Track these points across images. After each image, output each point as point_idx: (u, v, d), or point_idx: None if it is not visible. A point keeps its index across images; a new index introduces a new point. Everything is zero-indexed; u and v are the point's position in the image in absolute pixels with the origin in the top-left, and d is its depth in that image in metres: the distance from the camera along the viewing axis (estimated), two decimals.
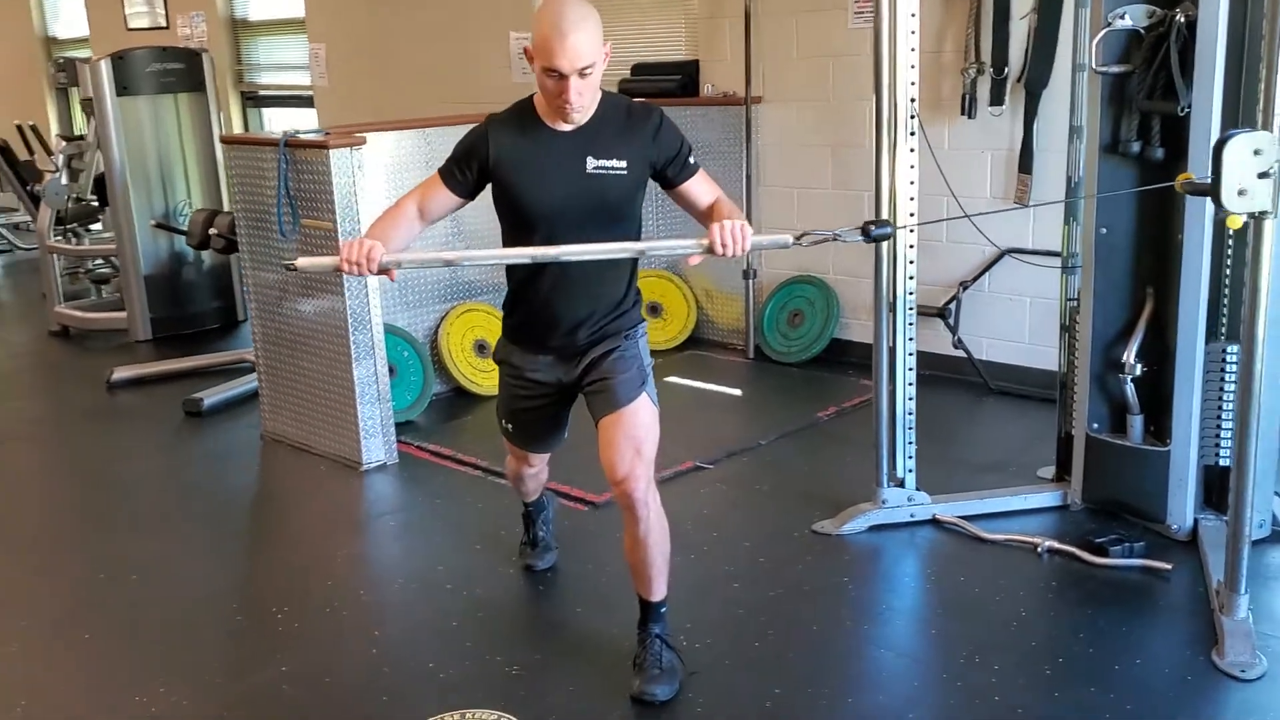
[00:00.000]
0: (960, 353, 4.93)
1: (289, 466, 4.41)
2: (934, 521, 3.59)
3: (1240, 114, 3.15)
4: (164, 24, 8.71)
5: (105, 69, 6.03)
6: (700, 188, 2.74)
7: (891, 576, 3.40)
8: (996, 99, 4.61)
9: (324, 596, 3.40)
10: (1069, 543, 3.37)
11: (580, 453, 3.21)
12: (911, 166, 3.40)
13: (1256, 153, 2.55)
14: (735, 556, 3.43)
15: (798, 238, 2.49)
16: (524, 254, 2.64)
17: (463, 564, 3.49)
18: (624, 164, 2.65)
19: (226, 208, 6.41)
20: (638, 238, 2.78)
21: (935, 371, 5.05)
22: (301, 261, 2.69)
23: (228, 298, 6.57)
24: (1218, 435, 3.35)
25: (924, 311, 5.08)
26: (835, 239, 2.52)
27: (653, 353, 2.94)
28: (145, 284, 6.26)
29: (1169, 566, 3.22)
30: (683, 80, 5.56)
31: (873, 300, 3.54)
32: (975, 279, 4.85)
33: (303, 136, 4.18)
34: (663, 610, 2.82)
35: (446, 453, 4.38)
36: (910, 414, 3.57)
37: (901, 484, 3.61)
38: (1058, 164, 4.54)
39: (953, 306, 4.95)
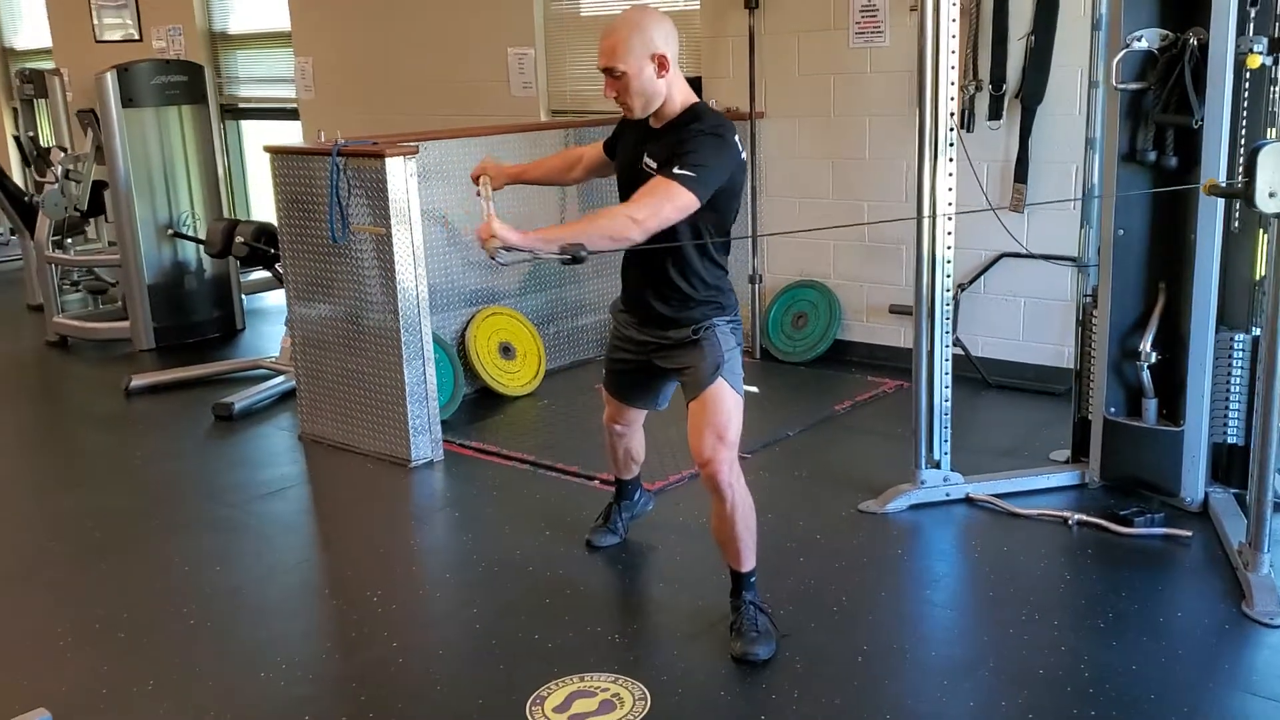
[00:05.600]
0: (958, 350, 5.27)
1: (336, 465, 4.57)
2: (967, 500, 3.90)
3: (1245, 126, 3.52)
4: (137, 36, 8.75)
5: (111, 81, 6.13)
6: (643, 189, 2.79)
7: (940, 548, 3.70)
8: (995, 114, 4.97)
9: (411, 581, 3.60)
10: (1096, 515, 3.70)
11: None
12: (950, 174, 3.71)
13: None
14: (795, 535, 3.70)
15: (499, 257, 2.70)
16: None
17: (538, 547, 3.71)
18: (655, 165, 2.88)
19: (226, 216, 6.56)
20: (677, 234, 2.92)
21: None
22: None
23: (227, 307, 6.69)
24: (1226, 416, 3.72)
25: None
26: (535, 257, 2.90)
27: None
28: (148, 294, 6.34)
29: (1189, 534, 3.57)
30: None
31: (913, 301, 3.86)
32: (972, 281, 5.20)
33: (354, 146, 4.36)
34: (752, 579, 3.08)
35: (491, 449, 4.59)
36: (947, 401, 3.88)
37: (938, 465, 3.92)
38: (1050, 173, 4.94)
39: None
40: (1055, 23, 4.79)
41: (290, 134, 7.95)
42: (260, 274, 7.16)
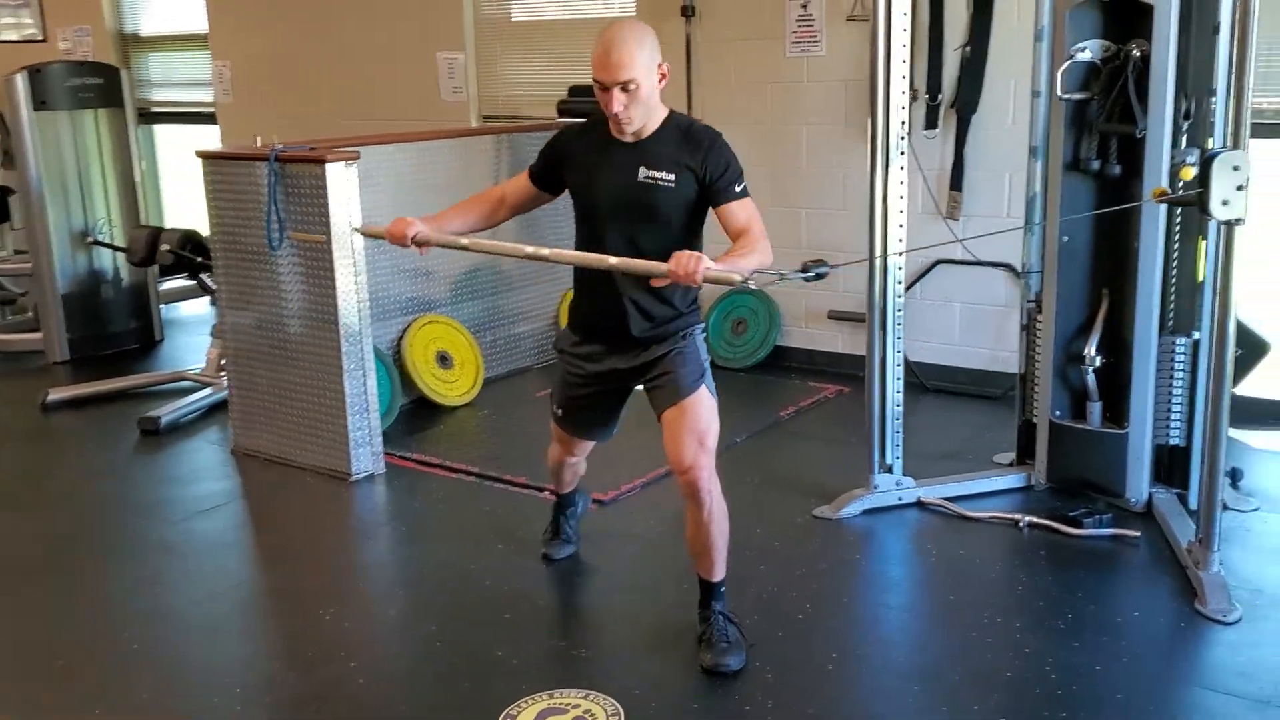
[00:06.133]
0: None
1: (272, 479, 4.43)
2: (918, 504, 3.93)
3: (1186, 136, 3.61)
4: (41, 37, 8.43)
5: (21, 83, 5.89)
6: (736, 215, 2.89)
7: (897, 553, 3.73)
8: (931, 123, 5.03)
9: (364, 598, 3.51)
10: (1045, 517, 3.76)
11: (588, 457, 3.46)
12: (901, 183, 3.74)
13: (1235, 168, 2.97)
14: (752, 543, 3.68)
15: (745, 279, 2.65)
16: (524, 250, 3.03)
17: (492, 561, 3.64)
18: (672, 177, 2.88)
19: (145, 223, 6.35)
20: (680, 245, 2.93)
21: None
22: (363, 227, 3.09)
23: (145, 317, 6.47)
24: (1168, 418, 3.81)
25: (861, 319, 5.50)
26: (780, 279, 2.72)
27: None
28: (63, 304, 6.10)
29: (1137, 534, 3.64)
30: None
31: (867, 315, 3.88)
32: (909, 287, 5.24)
33: (292, 151, 4.25)
34: (722, 589, 3.06)
35: (433, 461, 4.50)
36: (899, 406, 3.91)
37: (890, 470, 3.94)
38: (984, 181, 5.02)
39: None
40: (990, 33, 4.87)
41: (208, 139, 7.74)
42: (177, 283, 6.97)
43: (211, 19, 7.53)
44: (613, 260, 2.82)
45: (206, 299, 7.33)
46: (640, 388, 3.12)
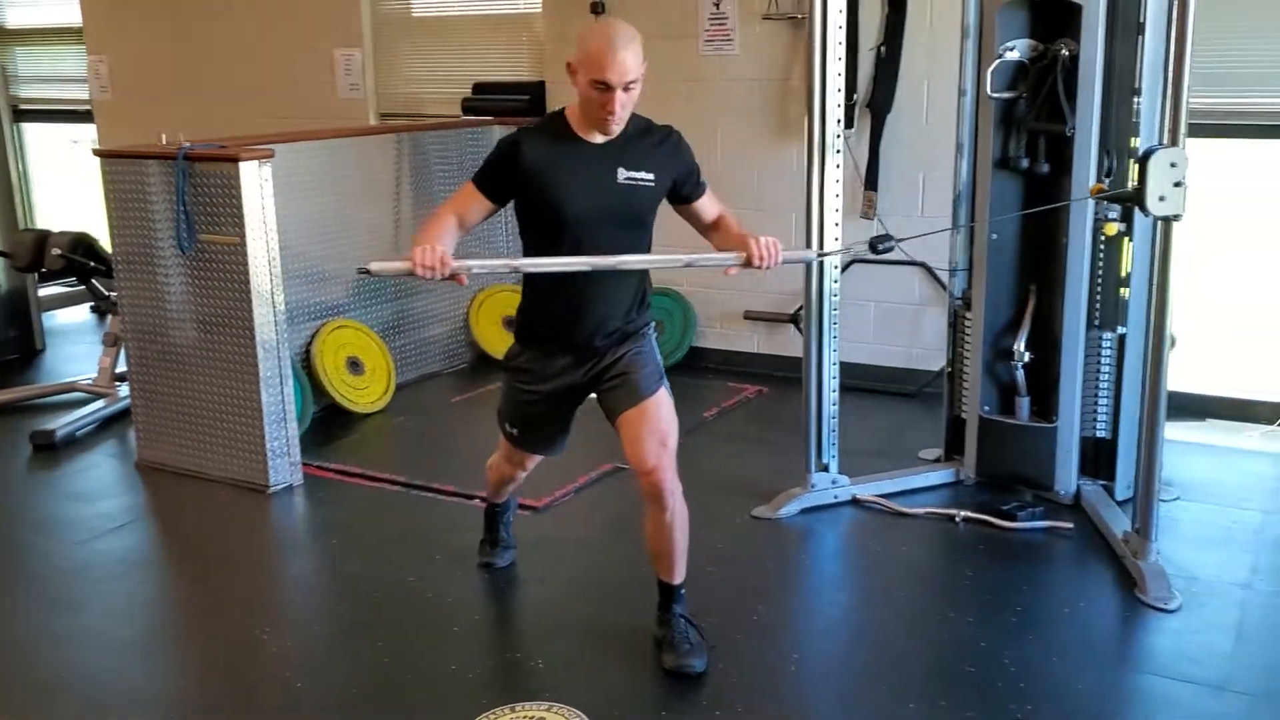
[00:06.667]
0: None
1: (184, 493, 4.21)
2: (854, 501, 3.95)
3: (1114, 134, 3.70)
4: None
5: None
6: (710, 204, 3.03)
7: (841, 550, 3.73)
8: (847, 122, 5.04)
9: (303, 615, 3.35)
10: (979, 511, 3.81)
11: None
12: (838, 181, 3.75)
13: (1173, 165, 3.05)
14: (697, 545, 3.59)
15: (820, 254, 2.77)
16: (582, 262, 2.78)
17: (431, 572, 3.51)
18: (651, 176, 2.85)
19: (23, 228, 6.01)
20: (649, 246, 2.97)
21: (788, 373, 5.44)
22: (375, 265, 2.70)
23: (25, 325, 6.12)
24: (1095, 411, 3.89)
25: (776, 319, 5.53)
26: (849, 252, 2.82)
27: None
28: None
29: (1070, 525, 3.71)
30: (531, 100, 5.72)
31: (804, 315, 3.89)
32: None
33: (201, 149, 4.05)
34: (683, 591, 3.02)
35: (354, 470, 4.34)
36: (835, 405, 3.92)
37: (826, 468, 3.95)
38: (899, 180, 5.07)
39: (804, 313, 5.37)
40: (903, 33, 4.93)
41: (82, 137, 7.38)
42: (56, 289, 6.64)
43: (86, 11, 7.17)
44: (687, 257, 2.94)
45: (87, 306, 7.00)
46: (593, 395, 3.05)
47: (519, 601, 3.44)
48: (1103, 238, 3.72)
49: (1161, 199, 3.06)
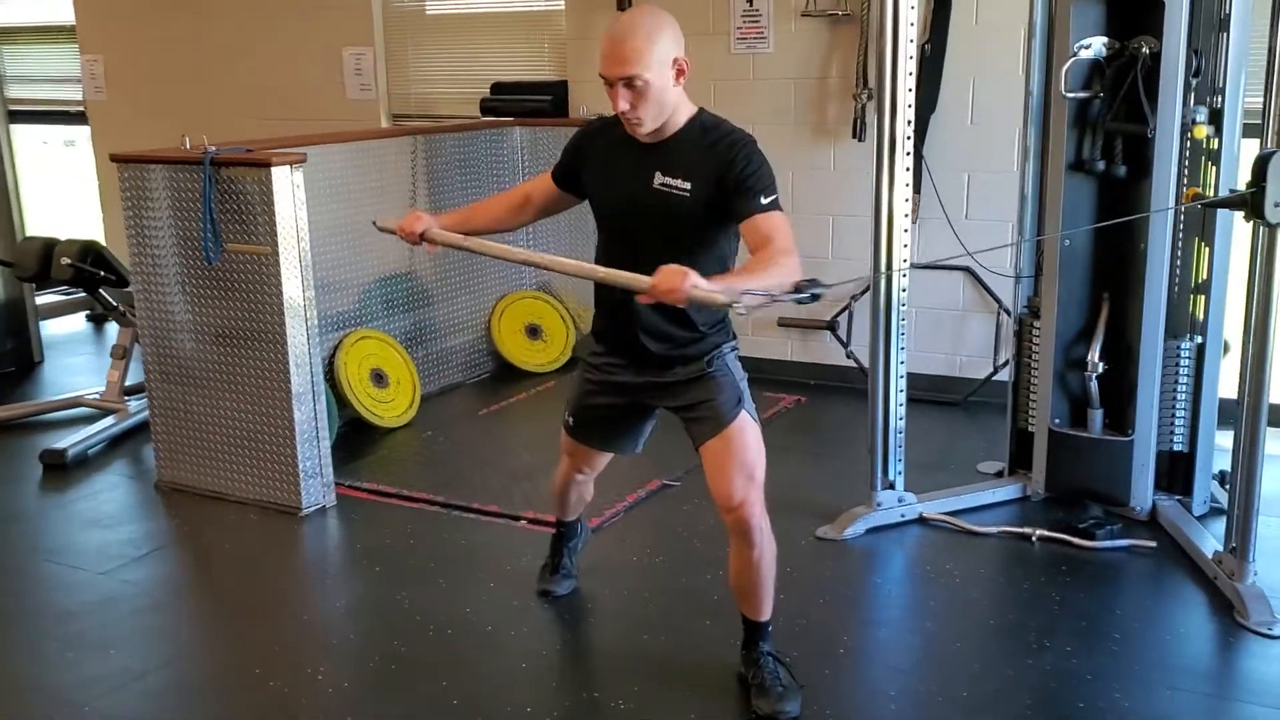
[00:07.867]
0: (851, 363, 5.19)
1: (211, 517, 3.99)
2: (920, 520, 3.78)
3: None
4: None
5: None
6: (758, 229, 2.52)
7: (917, 574, 3.54)
8: None
9: (355, 652, 3.14)
10: (1055, 529, 3.64)
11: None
12: (907, 185, 3.57)
13: None
14: None
15: (732, 301, 2.31)
16: (516, 255, 2.83)
17: (489, 602, 3.31)
18: (688, 185, 2.59)
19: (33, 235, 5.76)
20: (716, 265, 2.63)
21: (826, 381, 5.31)
22: (380, 221, 2.91)
23: (22, 337, 5.86)
24: (1172, 423, 3.74)
25: (812, 326, 5.36)
26: (772, 301, 2.39)
27: (537, 376, 2.96)
28: None
29: (1154, 544, 3.55)
30: (554, 100, 5.52)
31: (871, 326, 3.73)
32: (863, 293, 5.11)
33: (229, 153, 3.82)
34: (769, 629, 2.83)
35: (388, 489, 4.13)
36: (901, 420, 3.75)
37: (892, 486, 3.77)
38: (942, 182, 4.90)
39: (842, 319, 5.21)
40: (948, 31, 4.77)
41: (76, 138, 7.12)
42: (53, 297, 6.39)
43: (79, 9, 6.90)
44: (600, 272, 2.56)
45: (83, 314, 6.76)
46: (669, 413, 2.86)
47: (586, 633, 3.24)
48: (1189, 140, 3.52)
49: (1277, 205, 2.90)
